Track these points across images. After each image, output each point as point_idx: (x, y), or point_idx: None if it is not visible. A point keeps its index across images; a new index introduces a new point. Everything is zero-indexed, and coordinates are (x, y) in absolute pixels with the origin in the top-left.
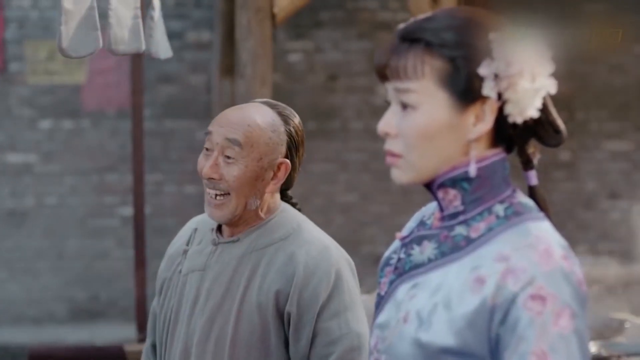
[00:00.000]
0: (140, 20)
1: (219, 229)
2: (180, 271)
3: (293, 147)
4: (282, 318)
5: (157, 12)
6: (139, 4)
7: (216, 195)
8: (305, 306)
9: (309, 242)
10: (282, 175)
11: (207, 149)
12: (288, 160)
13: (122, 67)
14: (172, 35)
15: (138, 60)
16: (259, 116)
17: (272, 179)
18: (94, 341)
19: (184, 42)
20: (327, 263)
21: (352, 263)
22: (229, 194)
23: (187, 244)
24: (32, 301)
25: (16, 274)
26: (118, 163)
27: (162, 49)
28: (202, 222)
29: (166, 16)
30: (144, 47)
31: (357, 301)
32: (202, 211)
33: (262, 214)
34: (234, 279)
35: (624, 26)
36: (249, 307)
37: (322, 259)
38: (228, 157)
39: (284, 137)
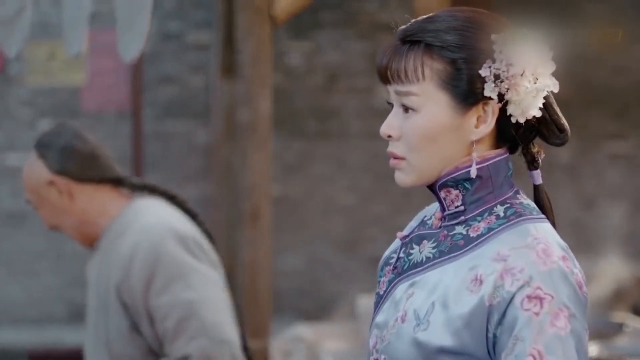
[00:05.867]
0: None
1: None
2: None
3: None
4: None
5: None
6: None
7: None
8: (134, 293)
9: (134, 229)
10: None
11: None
12: None
13: (122, 68)
14: (171, 36)
15: (138, 61)
16: None
17: None
18: None
19: (184, 43)
20: (146, 243)
21: (186, 232)
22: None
23: None
24: (32, 302)
25: (16, 274)
26: (118, 164)
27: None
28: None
29: (166, 17)
30: None
31: (187, 270)
32: (202, 212)
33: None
34: (100, 286)
35: (624, 26)
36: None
37: (142, 240)
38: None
39: None
